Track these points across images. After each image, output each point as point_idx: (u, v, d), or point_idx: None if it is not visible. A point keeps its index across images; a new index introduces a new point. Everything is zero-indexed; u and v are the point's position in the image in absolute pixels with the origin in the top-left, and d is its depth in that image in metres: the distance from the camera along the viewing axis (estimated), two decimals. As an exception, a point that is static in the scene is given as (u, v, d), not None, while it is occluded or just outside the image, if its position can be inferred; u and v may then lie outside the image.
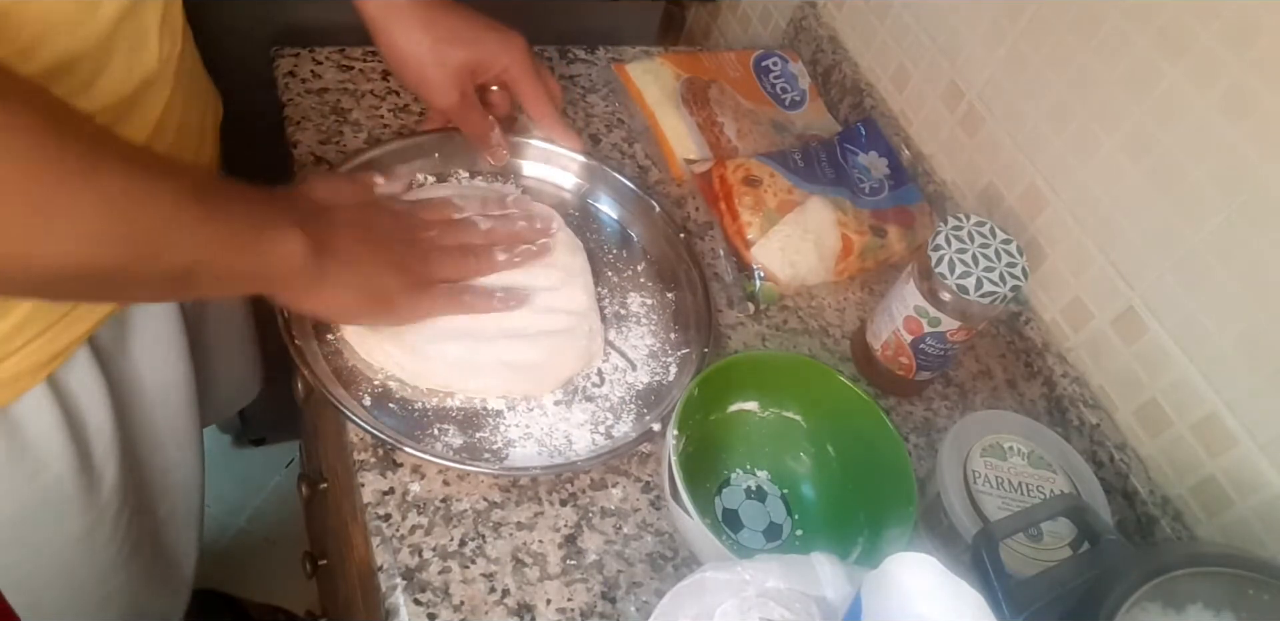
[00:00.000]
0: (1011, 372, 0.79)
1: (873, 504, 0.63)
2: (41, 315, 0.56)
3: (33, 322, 0.56)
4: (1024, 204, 0.78)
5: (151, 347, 0.71)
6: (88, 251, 0.44)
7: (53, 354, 0.58)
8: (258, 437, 1.52)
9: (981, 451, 0.65)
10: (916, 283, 0.67)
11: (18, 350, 0.56)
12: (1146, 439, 0.71)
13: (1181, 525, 0.67)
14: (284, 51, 0.83)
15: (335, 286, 0.57)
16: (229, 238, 0.50)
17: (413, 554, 0.58)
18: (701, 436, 0.64)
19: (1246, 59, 0.59)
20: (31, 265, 0.43)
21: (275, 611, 1.35)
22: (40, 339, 0.57)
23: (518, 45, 0.72)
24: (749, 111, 0.88)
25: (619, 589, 0.59)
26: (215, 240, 0.49)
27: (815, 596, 0.47)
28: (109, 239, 0.44)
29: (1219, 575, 0.52)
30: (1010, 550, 0.60)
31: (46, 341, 0.57)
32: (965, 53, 0.82)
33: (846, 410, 0.64)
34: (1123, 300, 0.71)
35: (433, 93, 0.70)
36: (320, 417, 0.90)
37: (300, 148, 0.77)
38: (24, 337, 0.56)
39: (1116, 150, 0.69)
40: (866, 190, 0.82)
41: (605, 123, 0.88)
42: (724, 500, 0.65)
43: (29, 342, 0.56)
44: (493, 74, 0.72)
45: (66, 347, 0.59)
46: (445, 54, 0.69)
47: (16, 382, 0.58)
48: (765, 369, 0.66)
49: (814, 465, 0.67)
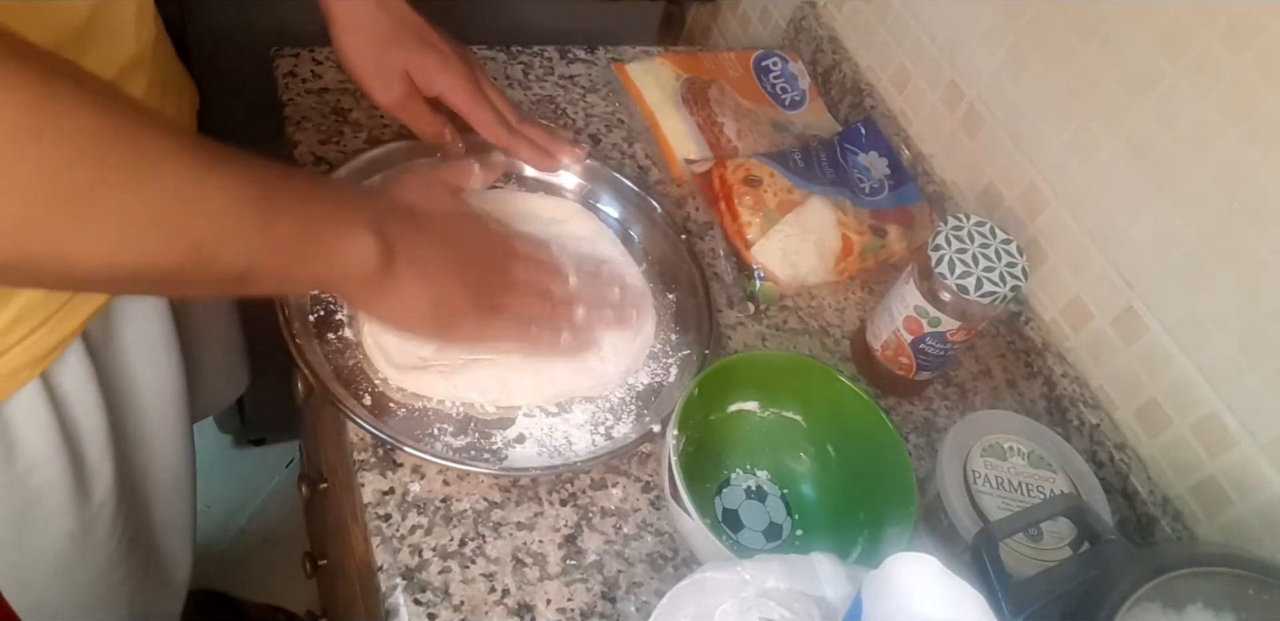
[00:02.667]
0: (1011, 372, 0.79)
1: (873, 504, 0.63)
2: (38, 308, 0.56)
3: (29, 317, 0.55)
4: (1024, 204, 0.78)
5: (142, 340, 0.70)
6: (134, 253, 0.41)
7: (49, 347, 0.58)
8: (258, 437, 1.52)
9: (981, 451, 0.65)
10: (916, 282, 0.67)
11: (15, 344, 0.56)
12: (1146, 439, 0.71)
13: (1181, 525, 0.67)
14: (284, 51, 0.83)
15: (405, 296, 0.55)
16: (291, 240, 0.48)
17: (413, 554, 0.58)
18: (702, 436, 0.64)
19: (1246, 59, 0.59)
20: (73, 265, 0.40)
21: (275, 611, 1.35)
22: (37, 332, 0.56)
23: (456, 69, 0.70)
24: (749, 111, 0.88)
25: (619, 589, 0.59)
26: (276, 242, 0.47)
27: (815, 596, 0.47)
28: (159, 241, 0.41)
29: (1219, 575, 0.53)
30: (1010, 550, 0.60)
31: (45, 333, 0.57)
32: (965, 53, 0.82)
33: (846, 410, 0.64)
34: (1123, 300, 0.71)
35: (374, 89, 0.70)
36: (320, 417, 0.90)
37: (300, 148, 0.77)
38: (20, 332, 0.55)
39: (1116, 150, 0.69)
40: (866, 190, 0.82)
41: (605, 123, 0.88)
42: (724, 500, 0.65)
43: (25, 337, 0.56)
44: (433, 94, 0.71)
45: (62, 341, 0.59)
46: (384, 54, 0.69)
47: (14, 377, 0.58)
48: (765, 369, 0.66)
49: (814, 465, 0.67)
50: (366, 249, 0.51)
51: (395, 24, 0.69)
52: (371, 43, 0.69)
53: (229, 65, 0.88)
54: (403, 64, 0.69)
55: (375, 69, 0.69)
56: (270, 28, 0.88)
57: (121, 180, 0.39)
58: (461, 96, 0.71)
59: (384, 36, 0.69)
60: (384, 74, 0.69)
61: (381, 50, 0.69)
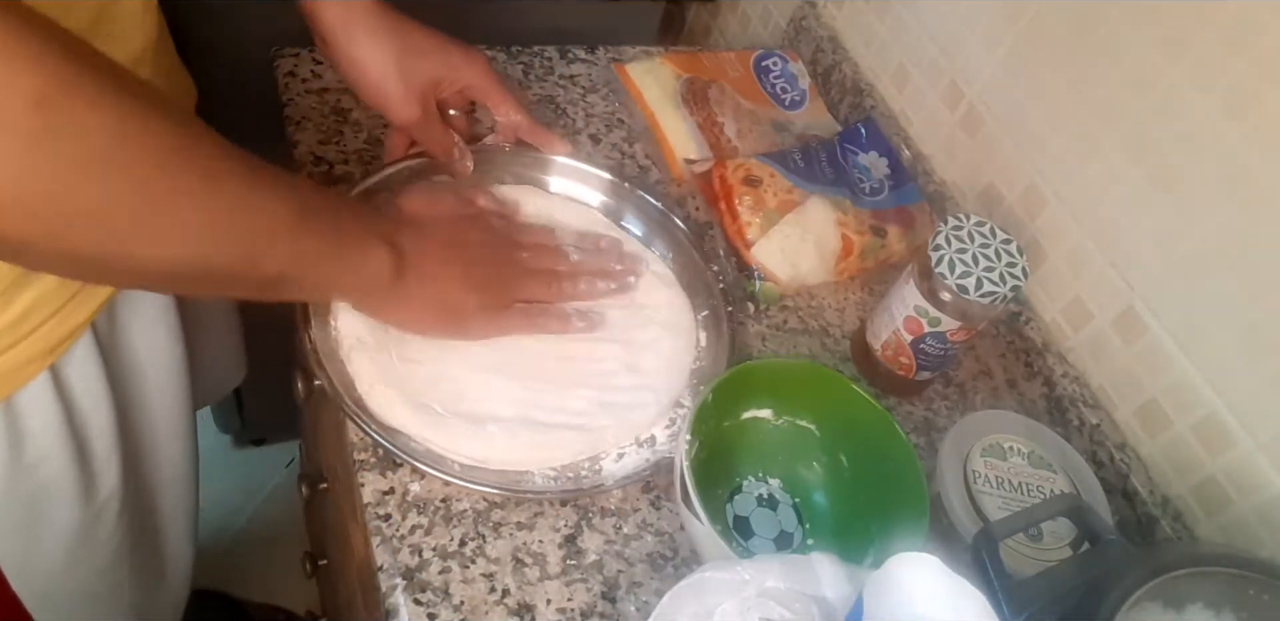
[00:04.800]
0: (1011, 372, 0.79)
1: (885, 515, 0.62)
2: (49, 300, 0.56)
3: (40, 308, 0.56)
4: (1024, 204, 0.78)
5: (148, 331, 0.70)
6: (192, 255, 0.45)
7: (59, 339, 0.58)
8: (258, 437, 1.52)
9: (981, 451, 0.65)
10: (916, 282, 0.67)
11: (26, 336, 0.56)
12: (1146, 439, 0.71)
13: (1181, 525, 0.67)
14: (284, 51, 0.83)
15: (415, 302, 0.60)
16: (320, 251, 0.53)
17: (413, 554, 0.58)
18: (714, 443, 0.63)
19: (1246, 59, 0.59)
20: (134, 264, 0.44)
21: (275, 611, 1.35)
22: (48, 323, 0.56)
23: (479, 60, 0.72)
24: (749, 111, 0.88)
25: (619, 589, 0.59)
26: (307, 253, 0.52)
27: (815, 596, 0.47)
28: (215, 245, 0.46)
29: (1219, 575, 0.53)
30: (1010, 550, 0.60)
31: (55, 325, 0.57)
32: (965, 53, 0.82)
33: (860, 420, 0.64)
34: (1123, 300, 0.71)
35: (393, 107, 0.68)
36: (320, 417, 0.90)
37: (300, 148, 0.77)
38: (31, 324, 0.56)
39: (1116, 150, 0.69)
40: (866, 190, 0.82)
41: (605, 123, 0.88)
42: (735, 507, 0.65)
43: (36, 328, 0.56)
44: (455, 89, 0.71)
45: (72, 332, 0.59)
46: (410, 67, 0.67)
47: (25, 369, 0.58)
48: (780, 377, 0.65)
49: (826, 474, 0.66)
50: (382, 262, 0.56)
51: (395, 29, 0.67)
52: (390, 56, 0.67)
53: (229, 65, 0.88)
54: (427, 74, 0.68)
55: (396, 88, 0.67)
56: (270, 28, 0.88)
57: (192, 189, 0.44)
58: (491, 82, 0.73)
59: (404, 48, 0.67)
60: (405, 92, 0.68)
61: (402, 65, 0.67)
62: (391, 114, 0.69)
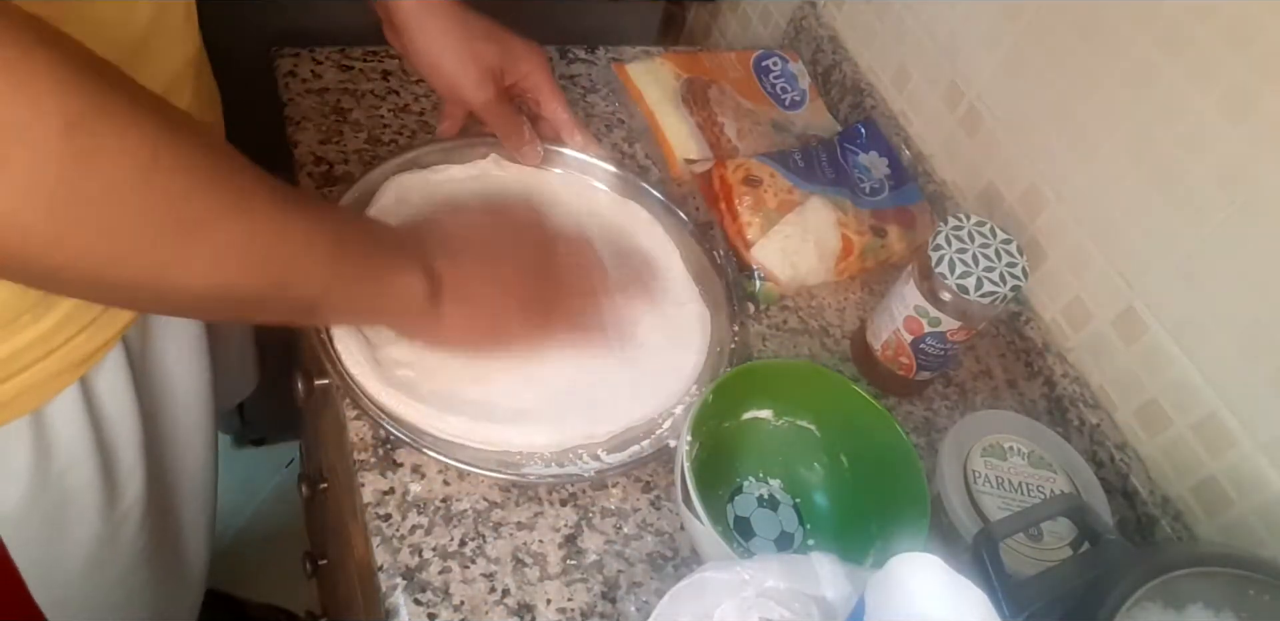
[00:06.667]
0: (1011, 372, 0.79)
1: (885, 516, 0.62)
2: (81, 313, 0.56)
3: (72, 321, 0.56)
4: (1024, 204, 0.78)
5: (178, 342, 0.71)
6: (222, 279, 0.45)
7: (90, 352, 0.58)
8: (258, 437, 1.52)
9: (981, 451, 0.65)
10: (916, 282, 0.67)
11: (58, 348, 0.56)
12: (1146, 439, 0.71)
13: (1181, 525, 0.67)
14: (284, 51, 0.83)
15: (453, 324, 0.59)
16: (353, 278, 0.52)
17: (413, 554, 0.58)
18: (715, 443, 0.63)
19: (1246, 59, 0.59)
20: (165, 290, 0.43)
21: (275, 611, 1.35)
22: (79, 336, 0.56)
23: (539, 52, 0.73)
24: (749, 111, 0.88)
25: (619, 589, 0.59)
26: (341, 278, 0.51)
27: (815, 596, 0.47)
28: (246, 270, 0.45)
29: (1219, 575, 0.52)
30: (1010, 550, 0.60)
31: (86, 339, 0.57)
32: (965, 53, 0.82)
33: (861, 421, 0.64)
34: (1123, 300, 0.71)
35: (467, 89, 0.70)
36: (320, 417, 0.90)
37: (300, 148, 0.77)
38: (63, 336, 0.56)
39: (1116, 150, 0.69)
40: (867, 190, 0.82)
41: (605, 123, 0.88)
42: (736, 508, 0.65)
43: (68, 341, 0.56)
44: (513, 80, 0.73)
45: (103, 346, 0.59)
46: (480, 51, 0.70)
47: (56, 380, 0.58)
48: (780, 377, 0.65)
49: (827, 475, 0.66)
50: (417, 288, 0.55)
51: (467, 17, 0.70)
52: (461, 41, 0.69)
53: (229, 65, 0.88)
54: (495, 58, 0.70)
55: (470, 70, 0.70)
56: (270, 28, 0.88)
57: (224, 213, 0.43)
58: (547, 76, 0.74)
59: (473, 34, 0.69)
60: (478, 74, 0.70)
61: (473, 49, 0.69)
62: (467, 95, 0.71)
